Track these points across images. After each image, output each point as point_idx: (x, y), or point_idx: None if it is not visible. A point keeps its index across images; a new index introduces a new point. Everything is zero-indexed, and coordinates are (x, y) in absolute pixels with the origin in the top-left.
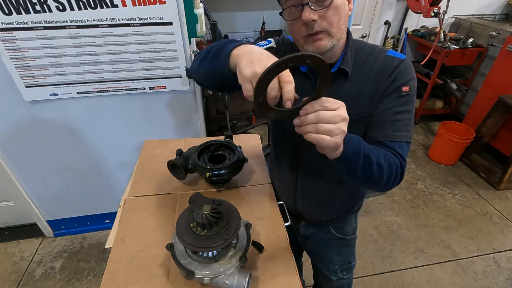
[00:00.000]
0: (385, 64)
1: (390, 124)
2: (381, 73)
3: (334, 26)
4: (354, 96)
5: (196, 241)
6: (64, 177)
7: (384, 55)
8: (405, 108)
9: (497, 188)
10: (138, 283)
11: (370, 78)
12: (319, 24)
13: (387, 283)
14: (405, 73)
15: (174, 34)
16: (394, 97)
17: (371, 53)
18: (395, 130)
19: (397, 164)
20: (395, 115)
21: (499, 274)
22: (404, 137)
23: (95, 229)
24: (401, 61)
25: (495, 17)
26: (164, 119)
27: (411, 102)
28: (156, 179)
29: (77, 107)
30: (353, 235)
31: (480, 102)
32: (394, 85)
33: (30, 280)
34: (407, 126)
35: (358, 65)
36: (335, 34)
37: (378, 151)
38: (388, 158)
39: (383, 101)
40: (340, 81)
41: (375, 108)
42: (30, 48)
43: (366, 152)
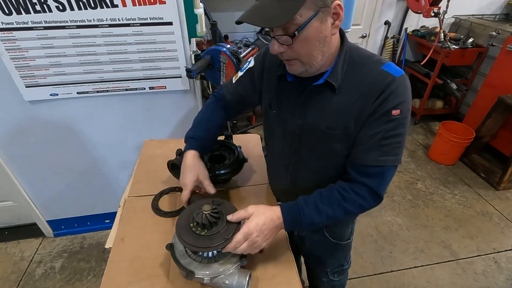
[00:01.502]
0: (376, 81)
1: (377, 149)
2: (370, 91)
3: (303, 55)
4: (342, 110)
5: (196, 241)
6: (64, 177)
7: (379, 69)
8: (395, 132)
9: (497, 188)
10: (138, 283)
11: (360, 93)
12: (287, 54)
13: (387, 283)
14: (396, 95)
15: (174, 34)
16: (382, 121)
17: (366, 64)
18: (380, 155)
19: (358, 204)
20: (383, 140)
21: (499, 274)
22: (390, 161)
23: (95, 229)
24: (394, 79)
25: (495, 17)
26: (164, 119)
27: (402, 125)
28: (156, 179)
29: (77, 107)
30: (348, 240)
31: (480, 102)
32: (383, 108)
33: (30, 280)
34: (396, 149)
35: (350, 77)
36: (307, 62)
37: (328, 205)
38: (342, 204)
39: (370, 124)
40: (327, 94)
41: (361, 129)
42: (30, 48)
43: (311, 221)
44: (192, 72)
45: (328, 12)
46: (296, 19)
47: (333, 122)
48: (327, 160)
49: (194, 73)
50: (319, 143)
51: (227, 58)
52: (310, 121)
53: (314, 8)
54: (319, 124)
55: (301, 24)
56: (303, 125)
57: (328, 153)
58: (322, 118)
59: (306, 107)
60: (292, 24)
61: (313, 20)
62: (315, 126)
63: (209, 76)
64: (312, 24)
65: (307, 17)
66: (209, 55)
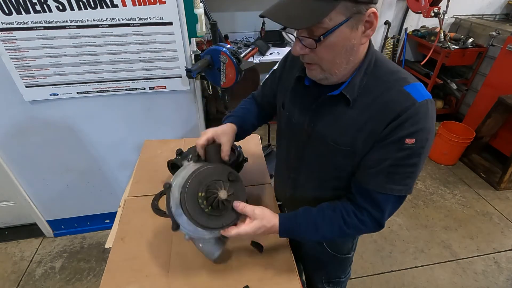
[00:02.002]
0: (393, 101)
1: (384, 176)
2: (384, 111)
3: (325, 62)
4: (352, 126)
5: (195, 214)
6: (64, 177)
7: (400, 89)
8: (406, 162)
9: (497, 188)
10: (138, 283)
11: (374, 111)
12: (309, 57)
13: (387, 283)
14: (414, 121)
15: (174, 34)
16: (393, 148)
17: (388, 81)
18: (387, 182)
19: (358, 229)
20: (391, 168)
21: (499, 274)
22: (397, 191)
23: (95, 229)
24: (414, 103)
25: (495, 17)
26: (164, 119)
27: (417, 155)
28: (156, 179)
29: (77, 107)
30: (347, 254)
31: (480, 102)
32: (395, 134)
33: (30, 280)
34: (406, 179)
35: (368, 92)
36: (328, 69)
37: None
38: (343, 228)
39: (380, 149)
40: (341, 107)
41: (369, 150)
42: (30, 48)
43: (303, 236)
44: (192, 72)
45: (360, 20)
46: (325, 22)
47: (341, 137)
48: (329, 173)
49: (194, 73)
50: (324, 155)
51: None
52: (318, 131)
53: (346, 13)
54: (326, 136)
55: (329, 28)
56: (312, 133)
57: (331, 166)
58: (331, 131)
59: (317, 116)
60: (320, 27)
61: (343, 26)
62: (323, 137)
63: (209, 76)
64: (341, 30)
65: (337, 22)
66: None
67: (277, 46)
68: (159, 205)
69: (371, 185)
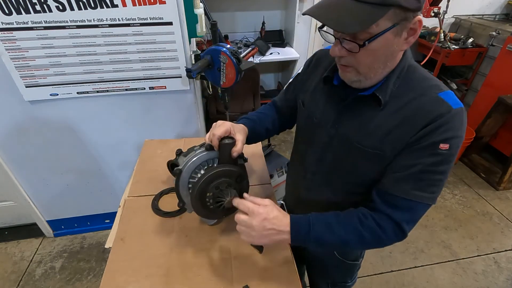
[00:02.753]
0: (428, 106)
1: (411, 182)
2: (417, 116)
3: (363, 66)
4: (381, 129)
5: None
6: (64, 177)
7: (434, 95)
8: (437, 169)
9: (497, 188)
10: (138, 283)
11: (405, 116)
12: (346, 60)
13: (387, 283)
14: (449, 127)
15: (174, 34)
16: (426, 153)
17: (421, 87)
18: (414, 189)
19: (377, 235)
20: (421, 174)
21: (499, 274)
22: (422, 198)
23: (95, 229)
24: (450, 110)
25: (495, 17)
26: (164, 119)
27: (448, 162)
28: (156, 179)
29: (77, 107)
30: (355, 261)
31: (480, 102)
32: (431, 138)
33: (30, 280)
34: (434, 187)
35: (400, 96)
36: (364, 73)
37: (344, 226)
38: (359, 229)
39: (411, 153)
40: (370, 108)
41: (398, 156)
42: (30, 48)
43: (319, 237)
44: (192, 72)
45: (406, 26)
46: (371, 27)
47: (368, 139)
48: (350, 177)
49: (194, 73)
50: (346, 158)
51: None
52: (343, 132)
53: (394, 20)
54: (352, 138)
55: (375, 34)
56: (335, 135)
57: (354, 170)
58: (357, 133)
59: (343, 117)
60: (365, 32)
61: (388, 32)
62: (347, 139)
63: (209, 76)
64: (386, 36)
65: (384, 28)
66: (209, 55)
67: (277, 46)
68: (159, 205)
69: (395, 190)
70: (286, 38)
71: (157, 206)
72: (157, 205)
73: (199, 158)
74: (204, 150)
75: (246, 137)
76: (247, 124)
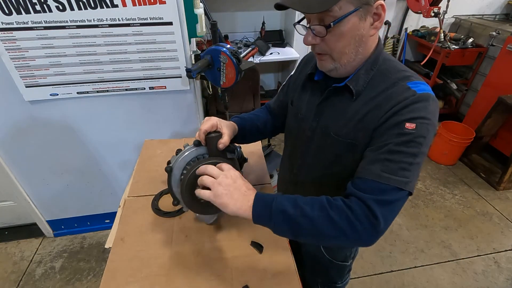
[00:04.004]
0: (396, 94)
1: (380, 163)
2: (384, 101)
3: (336, 51)
4: (354, 118)
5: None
6: (64, 177)
7: (403, 85)
8: (406, 149)
9: (497, 188)
10: (138, 283)
11: (376, 104)
12: (320, 47)
13: (387, 283)
14: (413, 108)
15: (174, 34)
16: (392, 133)
17: (392, 78)
18: (384, 170)
19: (345, 215)
20: (389, 154)
21: (499, 274)
22: (394, 182)
23: (95, 229)
24: (414, 93)
25: (495, 17)
26: (164, 119)
27: (417, 145)
28: (156, 179)
29: (77, 107)
30: (345, 262)
31: (480, 102)
32: (395, 119)
33: (30, 280)
34: (405, 171)
35: (372, 86)
36: (338, 58)
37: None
38: (326, 209)
39: (378, 137)
40: (345, 99)
41: (369, 142)
42: (30, 48)
43: (282, 209)
44: (192, 72)
45: (369, 11)
46: (334, 10)
47: (343, 129)
48: (330, 168)
49: (194, 73)
50: (328, 150)
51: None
52: (323, 124)
53: (355, 3)
54: (330, 129)
55: (339, 16)
56: (316, 127)
57: (335, 162)
58: (334, 124)
59: (322, 109)
60: (329, 15)
61: (352, 15)
62: (327, 130)
63: (209, 76)
64: (350, 19)
65: (347, 10)
66: (209, 55)
67: (277, 46)
68: (159, 205)
69: (364, 173)
70: (286, 38)
71: (157, 206)
72: (157, 205)
73: (188, 155)
74: (193, 146)
75: (234, 132)
76: (236, 121)
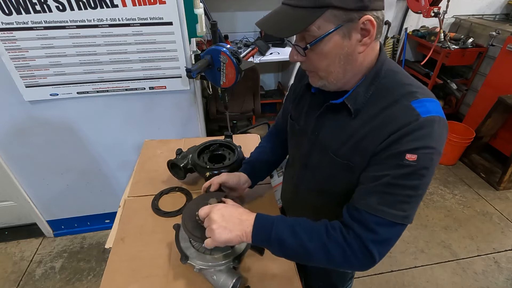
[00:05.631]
0: (397, 115)
1: (377, 195)
2: (383, 125)
3: (320, 70)
4: (352, 138)
5: (194, 230)
6: (64, 177)
7: (406, 104)
8: (406, 182)
9: (497, 188)
10: (138, 283)
11: (375, 125)
12: (305, 65)
13: (387, 283)
14: (415, 137)
15: (174, 34)
16: (391, 164)
17: (395, 93)
18: (380, 203)
19: (342, 249)
20: (387, 187)
21: (499, 274)
22: (390, 215)
23: (95, 229)
24: (417, 118)
25: (495, 17)
26: (164, 119)
27: (418, 177)
28: (156, 179)
29: (77, 107)
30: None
31: (480, 102)
32: (395, 148)
33: (30, 280)
34: (404, 204)
35: (373, 104)
36: (324, 76)
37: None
38: (323, 239)
39: (376, 165)
40: (343, 116)
41: (367, 167)
42: (30, 48)
43: (280, 237)
44: (192, 72)
45: (353, 28)
46: (312, 30)
47: (341, 149)
48: (328, 184)
49: (194, 73)
50: (324, 165)
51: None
52: (322, 140)
53: (336, 22)
54: (328, 147)
55: (318, 36)
56: (315, 142)
57: (331, 178)
58: (333, 142)
59: (321, 124)
60: (309, 35)
61: (333, 34)
62: (325, 147)
63: (209, 76)
64: (331, 38)
65: (326, 30)
66: (209, 55)
67: (277, 46)
68: (159, 205)
69: (361, 204)
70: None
71: (157, 206)
72: (157, 205)
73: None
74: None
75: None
76: (246, 170)
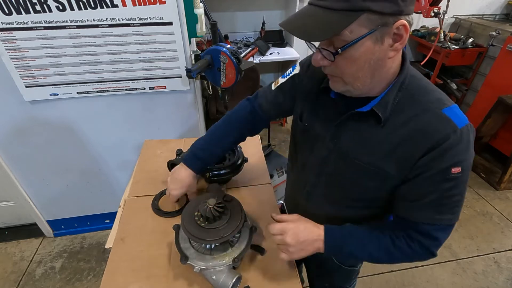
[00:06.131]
0: (432, 126)
1: (432, 209)
2: (422, 137)
3: (347, 75)
4: (383, 147)
5: (194, 230)
6: (64, 177)
7: (438, 113)
8: (454, 192)
9: (497, 188)
10: (138, 283)
11: (409, 134)
12: (330, 69)
13: (387, 283)
14: (457, 151)
15: (174, 34)
16: (438, 180)
17: (424, 102)
18: (436, 214)
19: (408, 256)
20: (440, 200)
21: (499, 274)
22: (446, 221)
23: (95, 229)
24: (455, 130)
25: (495, 17)
26: (164, 119)
27: (463, 182)
28: (156, 179)
29: (77, 107)
30: (354, 267)
31: (480, 102)
32: (440, 164)
33: (30, 280)
34: (454, 208)
35: (402, 111)
36: (350, 82)
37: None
38: (391, 249)
39: (424, 181)
40: (370, 125)
41: (409, 182)
42: (30, 48)
43: (350, 253)
44: (192, 72)
45: (387, 32)
46: (344, 34)
47: (369, 156)
48: (350, 193)
49: (194, 73)
50: (346, 173)
51: (227, 58)
52: (342, 148)
53: (369, 26)
54: (351, 154)
55: (349, 41)
56: (334, 149)
57: (354, 186)
58: (357, 150)
59: (341, 132)
60: (340, 39)
61: (365, 39)
62: (347, 155)
63: (209, 76)
64: (363, 43)
65: (359, 34)
66: (209, 55)
67: (277, 46)
68: (159, 205)
69: (419, 218)
70: (286, 38)
71: (157, 206)
72: (157, 205)
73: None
74: None
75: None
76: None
